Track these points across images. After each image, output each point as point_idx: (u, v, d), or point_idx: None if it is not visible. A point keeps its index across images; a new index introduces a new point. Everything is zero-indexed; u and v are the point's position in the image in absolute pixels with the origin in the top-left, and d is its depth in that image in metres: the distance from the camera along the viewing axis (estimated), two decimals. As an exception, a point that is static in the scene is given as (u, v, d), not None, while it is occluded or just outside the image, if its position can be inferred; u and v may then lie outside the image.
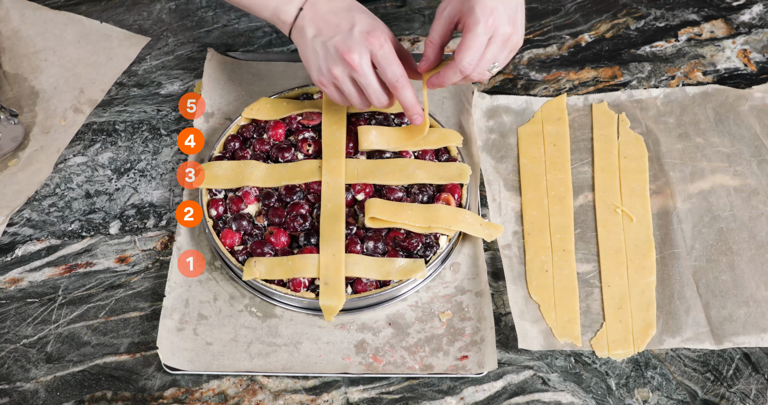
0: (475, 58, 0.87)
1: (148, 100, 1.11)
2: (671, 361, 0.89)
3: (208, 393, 0.88)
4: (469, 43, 0.86)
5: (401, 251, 0.93)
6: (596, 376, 0.88)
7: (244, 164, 0.98)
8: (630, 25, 1.19)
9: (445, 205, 0.95)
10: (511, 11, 0.87)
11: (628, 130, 1.05)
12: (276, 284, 0.91)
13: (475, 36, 0.85)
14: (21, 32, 1.15)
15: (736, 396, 0.87)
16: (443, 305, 0.93)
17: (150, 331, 0.92)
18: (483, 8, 0.85)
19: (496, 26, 0.86)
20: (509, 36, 0.87)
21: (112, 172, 1.05)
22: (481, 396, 0.87)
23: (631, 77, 1.13)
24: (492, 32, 0.86)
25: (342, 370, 0.88)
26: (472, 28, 0.85)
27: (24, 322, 0.92)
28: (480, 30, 0.85)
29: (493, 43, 0.87)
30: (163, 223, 1.00)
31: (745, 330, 0.90)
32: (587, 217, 0.99)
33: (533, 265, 0.95)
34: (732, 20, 1.19)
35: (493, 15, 0.85)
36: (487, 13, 0.85)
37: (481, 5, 0.85)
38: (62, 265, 0.97)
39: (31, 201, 1.02)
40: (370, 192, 0.97)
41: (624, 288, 0.93)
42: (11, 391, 0.88)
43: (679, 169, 1.02)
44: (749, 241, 0.96)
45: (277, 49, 1.17)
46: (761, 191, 1.00)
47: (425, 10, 1.21)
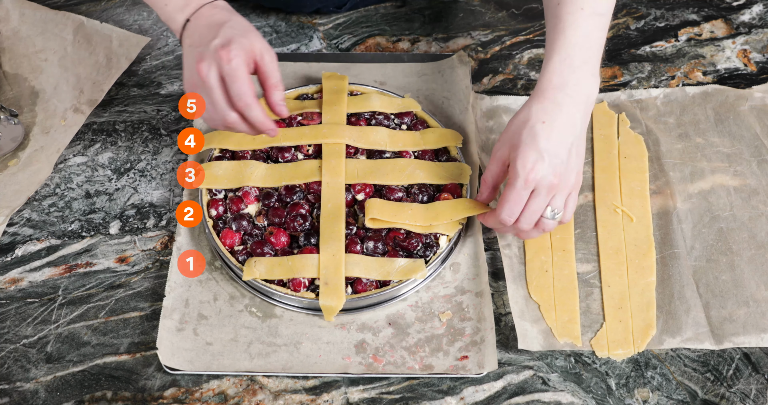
0: (514, 211, 0.85)
1: (148, 100, 1.11)
2: (671, 361, 0.89)
3: (208, 393, 0.88)
4: (508, 197, 0.85)
5: (401, 251, 0.93)
6: (596, 376, 0.88)
7: (244, 164, 0.98)
8: (630, 25, 1.19)
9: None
10: (558, 161, 0.84)
11: (628, 130, 1.05)
12: (276, 284, 0.91)
13: (514, 190, 0.84)
14: (21, 32, 1.15)
15: (736, 396, 0.87)
16: (443, 305, 0.93)
17: (150, 331, 0.92)
18: (524, 162, 0.83)
19: (539, 180, 0.83)
20: (556, 186, 0.84)
21: (112, 172, 1.05)
22: (481, 396, 0.87)
23: (631, 77, 1.13)
24: (534, 185, 0.84)
25: (342, 370, 0.88)
26: (512, 182, 0.84)
27: (24, 322, 0.92)
28: (519, 185, 0.83)
29: (538, 195, 0.84)
30: (163, 223, 1.00)
31: (745, 330, 0.90)
32: (587, 217, 0.99)
33: (533, 265, 0.95)
34: (732, 20, 1.19)
35: (534, 169, 0.83)
36: (528, 167, 0.83)
37: (523, 158, 0.83)
38: (62, 265, 0.97)
39: (31, 201, 1.02)
40: (370, 192, 0.97)
41: (624, 288, 0.93)
42: (11, 391, 0.88)
43: (679, 169, 1.02)
44: (749, 241, 0.96)
45: (277, 49, 1.17)
46: (761, 191, 1.00)
47: (425, 10, 1.22)
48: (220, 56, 0.84)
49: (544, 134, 0.83)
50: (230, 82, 0.85)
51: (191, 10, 0.90)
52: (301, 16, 1.21)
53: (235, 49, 0.84)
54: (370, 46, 1.17)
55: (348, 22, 1.20)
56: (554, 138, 0.84)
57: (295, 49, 1.17)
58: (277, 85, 0.89)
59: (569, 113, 0.85)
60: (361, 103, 1.04)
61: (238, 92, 0.85)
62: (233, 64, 0.84)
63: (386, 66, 1.12)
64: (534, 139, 0.83)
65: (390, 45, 1.18)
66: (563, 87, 0.86)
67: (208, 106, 0.88)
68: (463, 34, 1.19)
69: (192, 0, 0.90)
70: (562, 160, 0.84)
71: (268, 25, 1.20)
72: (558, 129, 0.84)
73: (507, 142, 0.86)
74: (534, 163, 0.83)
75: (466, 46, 1.17)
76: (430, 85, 1.11)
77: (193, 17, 0.90)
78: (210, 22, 0.88)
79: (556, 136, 0.84)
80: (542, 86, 0.86)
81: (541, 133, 0.83)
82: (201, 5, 0.90)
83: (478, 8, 1.21)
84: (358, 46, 1.17)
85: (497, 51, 1.17)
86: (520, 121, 0.86)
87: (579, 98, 0.86)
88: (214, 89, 0.86)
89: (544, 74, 0.87)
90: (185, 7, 0.90)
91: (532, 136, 0.84)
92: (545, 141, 0.83)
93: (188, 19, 0.90)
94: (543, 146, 0.83)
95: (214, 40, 0.85)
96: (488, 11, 1.21)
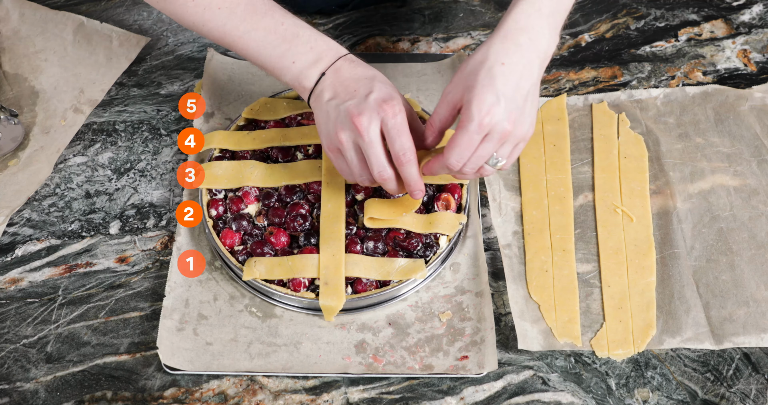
0: (464, 156, 0.81)
1: (148, 100, 1.11)
2: (671, 361, 0.89)
3: (208, 393, 0.88)
4: (459, 141, 0.80)
5: (401, 251, 0.93)
6: (596, 376, 0.88)
7: (244, 164, 0.98)
8: (630, 25, 1.19)
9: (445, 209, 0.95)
10: (514, 106, 0.79)
11: (628, 130, 1.05)
12: (276, 284, 0.91)
13: (466, 134, 0.79)
14: (21, 32, 1.15)
15: (736, 396, 0.87)
16: (443, 305, 0.93)
17: (150, 331, 0.92)
18: (480, 105, 0.78)
19: (494, 124, 0.78)
20: (509, 133, 0.80)
21: (112, 172, 1.05)
22: (481, 396, 0.87)
23: (631, 77, 1.13)
24: (488, 130, 0.79)
25: (342, 370, 0.88)
26: (465, 125, 0.79)
27: (24, 322, 0.92)
28: (473, 128, 0.78)
29: (489, 141, 0.80)
30: (163, 223, 1.00)
31: (745, 330, 0.90)
32: (587, 217, 0.99)
33: (533, 265, 0.95)
34: (732, 20, 1.19)
35: (490, 113, 0.78)
36: (484, 111, 0.78)
37: (479, 101, 0.78)
38: (62, 265, 0.97)
39: (31, 201, 1.02)
40: (369, 192, 0.97)
41: (624, 288, 0.93)
42: (11, 391, 0.88)
43: (679, 169, 1.02)
44: (749, 241, 0.96)
45: (277, 49, 1.17)
46: (761, 191, 1.00)
47: (425, 10, 1.21)
48: (385, 110, 0.80)
49: (502, 77, 0.79)
50: (395, 136, 0.81)
51: (326, 64, 0.86)
52: (301, 16, 1.21)
53: (399, 104, 0.81)
54: (370, 46, 1.17)
55: (348, 22, 1.20)
56: (512, 82, 0.79)
57: (295, 49, 1.17)
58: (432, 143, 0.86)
59: (529, 59, 0.81)
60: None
61: (402, 147, 0.81)
62: (399, 119, 0.80)
63: (386, 66, 1.12)
64: (492, 81, 0.78)
65: (390, 45, 1.18)
66: (528, 30, 0.82)
67: (351, 162, 0.84)
68: (463, 34, 1.19)
69: (325, 54, 0.86)
70: (518, 105, 0.80)
71: (268, 25, 1.20)
72: (517, 73, 0.80)
73: (461, 84, 0.81)
74: (490, 106, 0.78)
75: (466, 46, 1.17)
76: (430, 85, 1.11)
77: (329, 71, 0.85)
78: (355, 74, 0.84)
79: (515, 80, 0.79)
80: (506, 26, 0.82)
81: (500, 76, 0.79)
82: (336, 58, 0.86)
83: (478, 8, 1.22)
84: (358, 46, 1.17)
85: (497, 51, 1.17)
86: (477, 61, 0.80)
87: (540, 46, 0.82)
88: (375, 144, 0.82)
89: (509, 15, 0.82)
90: (318, 62, 0.86)
91: (490, 78, 0.79)
92: (503, 84, 0.79)
93: (323, 72, 0.86)
94: (501, 89, 0.78)
95: (371, 95, 0.81)
96: (488, 11, 1.21)
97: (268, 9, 0.89)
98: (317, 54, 0.87)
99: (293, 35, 0.88)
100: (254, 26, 0.89)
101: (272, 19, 0.89)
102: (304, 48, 0.87)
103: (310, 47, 0.87)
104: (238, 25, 0.89)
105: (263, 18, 0.89)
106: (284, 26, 0.88)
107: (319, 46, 0.87)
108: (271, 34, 0.88)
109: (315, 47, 0.87)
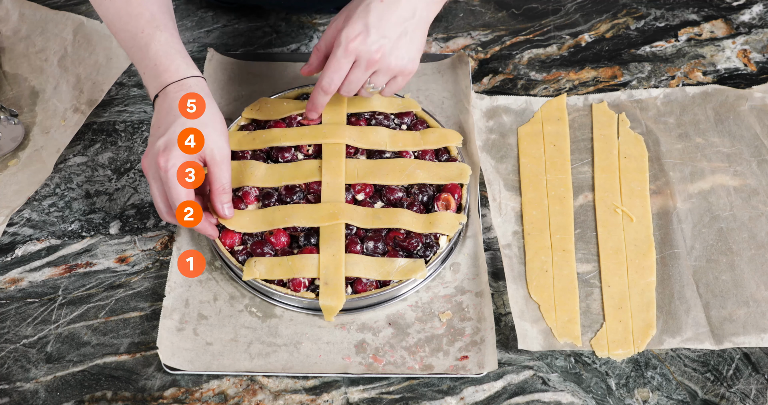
0: (334, 79, 0.89)
1: (148, 100, 1.11)
2: (671, 361, 0.89)
3: (208, 393, 0.88)
4: (328, 64, 0.88)
5: (401, 251, 0.93)
6: (596, 376, 0.88)
7: (244, 164, 0.98)
8: (630, 25, 1.19)
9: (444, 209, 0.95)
10: (385, 39, 0.87)
11: (628, 130, 1.05)
12: (276, 284, 0.91)
13: (334, 58, 0.87)
14: (21, 32, 1.15)
15: (736, 396, 0.87)
16: (443, 305, 0.93)
17: (150, 331, 0.92)
18: (348, 32, 0.86)
19: (359, 51, 0.86)
20: (376, 62, 0.87)
21: (112, 172, 1.05)
22: (481, 396, 0.87)
23: (631, 77, 1.13)
24: (354, 56, 0.87)
25: (342, 370, 0.88)
26: (333, 50, 0.87)
27: (24, 322, 0.92)
28: (339, 53, 0.87)
29: (358, 67, 0.88)
30: (163, 223, 1.00)
31: (745, 330, 0.90)
32: (587, 217, 0.99)
33: (533, 265, 0.95)
34: (732, 20, 1.19)
35: (357, 39, 0.86)
36: (351, 37, 0.86)
37: (349, 28, 0.86)
38: (62, 265, 0.97)
39: (31, 201, 1.02)
40: (370, 192, 0.97)
41: (624, 288, 0.93)
42: (11, 391, 0.88)
43: (679, 169, 1.02)
44: (749, 241, 0.96)
45: (277, 49, 1.17)
46: (761, 191, 1.00)
47: (425, 10, 1.21)
48: (158, 163, 0.84)
49: (377, 11, 0.86)
50: (166, 188, 0.86)
51: (159, 86, 0.89)
52: (301, 16, 1.21)
53: (174, 157, 0.84)
54: (370, 46, 1.17)
55: (348, 22, 1.20)
56: (387, 17, 0.86)
57: (295, 49, 1.17)
58: (222, 189, 0.89)
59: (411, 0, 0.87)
60: (361, 103, 1.04)
61: (176, 198, 0.85)
62: (169, 174, 0.84)
63: (386, 66, 1.13)
64: (366, 14, 0.86)
65: (390, 45, 1.17)
66: None
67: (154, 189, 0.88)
68: (463, 34, 1.19)
69: (162, 73, 0.89)
70: (390, 39, 0.87)
71: (268, 25, 1.20)
72: (393, 10, 0.87)
73: (343, 13, 0.89)
74: (357, 34, 0.86)
75: (466, 46, 1.17)
76: (430, 85, 1.11)
77: (161, 94, 0.89)
78: (170, 106, 0.88)
79: (390, 15, 0.86)
80: None
81: (374, 11, 0.86)
82: (168, 83, 0.89)
83: (478, 8, 1.21)
84: (358, 46, 1.17)
85: (497, 51, 1.17)
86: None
87: None
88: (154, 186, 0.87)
89: None
90: (155, 80, 0.90)
91: (365, 11, 0.86)
92: (376, 18, 0.86)
93: (157, 95, 0.90)
94: (372, 22, 0.86)
95: (160, 139, 0.86)
96: (488, 11, 1.21)
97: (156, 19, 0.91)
98: (157, 72, 0.89)
99: (145, 45, 0.90)
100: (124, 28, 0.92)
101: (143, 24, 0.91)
102: (150, 63, 0.90)
103: (154, 64, 0.90)
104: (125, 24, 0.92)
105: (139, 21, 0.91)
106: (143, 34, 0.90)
107: (161, 65, 0.89)
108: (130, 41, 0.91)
109: (158, 65, 0.89)
